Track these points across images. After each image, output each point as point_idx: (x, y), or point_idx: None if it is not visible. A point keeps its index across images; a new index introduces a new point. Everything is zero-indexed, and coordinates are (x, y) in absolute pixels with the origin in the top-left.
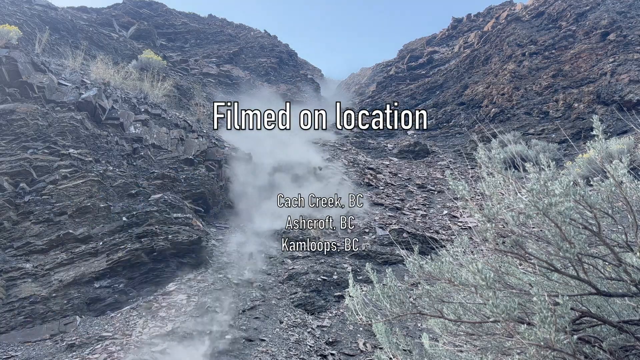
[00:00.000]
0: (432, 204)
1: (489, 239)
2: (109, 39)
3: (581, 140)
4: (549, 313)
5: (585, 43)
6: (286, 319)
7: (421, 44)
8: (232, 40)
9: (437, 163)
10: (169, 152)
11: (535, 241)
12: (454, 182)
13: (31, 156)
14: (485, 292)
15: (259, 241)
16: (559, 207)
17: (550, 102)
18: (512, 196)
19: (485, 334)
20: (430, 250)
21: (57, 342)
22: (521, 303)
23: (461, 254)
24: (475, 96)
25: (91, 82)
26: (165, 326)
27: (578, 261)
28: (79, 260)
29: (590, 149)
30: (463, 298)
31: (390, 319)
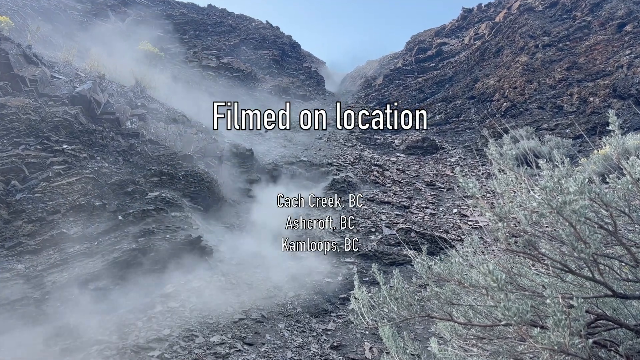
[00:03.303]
0: (441, 202)
1: (500, 238)
2: (105, 30)
3: (596, 136)
4: (563, 316)
5: (600, 34)
6: (289, 322)
7: (430, 36)
8: (232, 32)
9: (446, 159)
10: (166, 148)
11: (548, 241)
12: (464, 179)
13: (23, 152)
14: (497, 294)
15: (260, 241)
16: (573, 206)
17: (564, 96)
18: (525, 194)
19: (496, 337)
20: (439, 250)
21: (50, 346)
22: (534, 305)
23: (471, 254)
24: (486, 90)
25: (86, 75)
26: (163, 330)
27: (593, 262)
28: (73, 261)
29: (606, 144)
30: (473, 300)
31: (397, 322)
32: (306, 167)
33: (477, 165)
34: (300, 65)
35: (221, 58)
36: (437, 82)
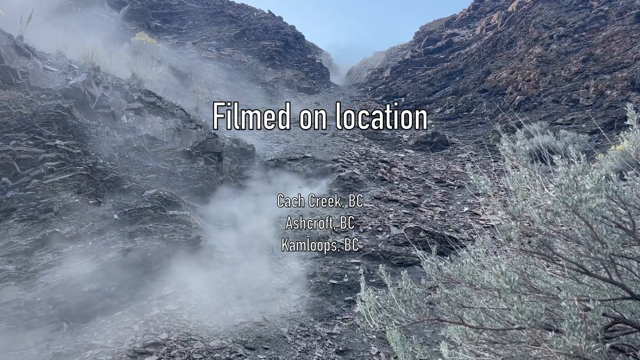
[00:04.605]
0: (452, 200)
1: (513, 238)
2: (99, 21)
3: (614, 131)
4: (579, 319)
5: (618, 25)
6: (292, 326)
7: (439, 26)
8: (233, 22)
9: (456, 155)
10: (164, 144)
11: (563, 241)
12: (475, 176)
13: (14, 148)
14: (510, 297)
15: (262, 241)
16: (589, 204)
17: (580, 89)
18: (539, 192)
19: (509, 342)
20: (449, 250)
21: (42, 350)
22: (549, 308)
23: (483, 254)
24: (498, 82)
25: (79, 67)
26: (161, 334)
27: (611, 263)
28: (67, 261)
29: (624, 140)
30: (485, 303)
31: (405, 325)
32: (310, 163)
33: (489, 161)
34: (304, 56)
35: (221, 49)
36: (447, 74)
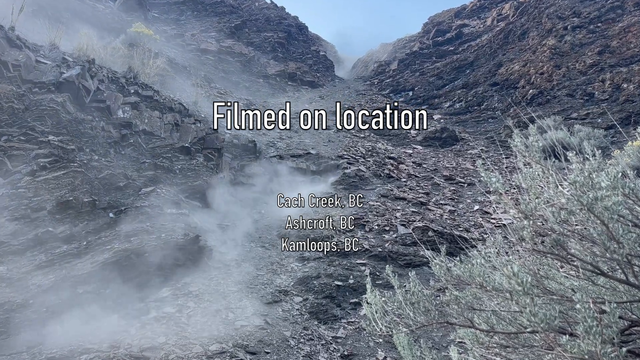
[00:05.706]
0: (462, 198)
1: (526, 238)
2: (94, 11)
3: (631, 126)
4: (594, 322)
5: (635, 15)
6: (295, 329)
7: (449, 17)
8: (233, 12)
9: (466, 152)
10: (162, 139)
11: (578, 240)
12: (486, 173)
13: (5, 144)
14: (522, 299)
15: (263, 241)
16: (605, 202)
17: (595, 83)
18: (553, 189)
19: (521, 346)
20: (459, 250)
21: (34, 355)
22: (562, 311)
23: (494, 255)
24: (510, 76)
25: (74, 59)
26: (158, 337)
27: (627, 263)
28: (60, 262)
29: None
30: (496, 305)
31: (413, 329)
32: (314, 159)
33: (500, 157)
34: (307, 48)
35: (221, 41)
36: (457, 67)
